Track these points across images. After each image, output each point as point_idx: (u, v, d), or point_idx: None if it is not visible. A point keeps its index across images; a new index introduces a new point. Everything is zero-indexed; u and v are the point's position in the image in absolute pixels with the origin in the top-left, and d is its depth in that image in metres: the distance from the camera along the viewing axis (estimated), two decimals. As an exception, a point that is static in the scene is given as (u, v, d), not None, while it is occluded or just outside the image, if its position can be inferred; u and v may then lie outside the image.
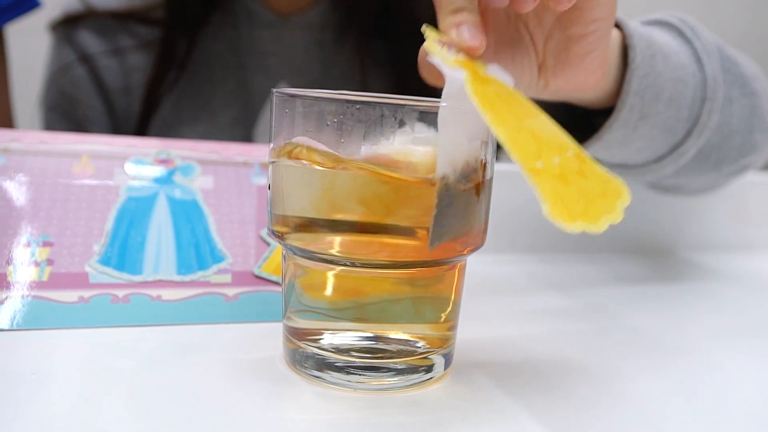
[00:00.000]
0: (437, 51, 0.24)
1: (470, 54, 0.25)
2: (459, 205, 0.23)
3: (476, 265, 0.31)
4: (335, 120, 0.23)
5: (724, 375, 0.29)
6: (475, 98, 0.22)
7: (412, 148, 0.24)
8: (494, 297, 0.37)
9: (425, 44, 0.25)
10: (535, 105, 0.25)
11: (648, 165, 0.38)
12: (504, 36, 0.30)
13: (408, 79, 0.51)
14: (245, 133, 0.54)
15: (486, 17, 0.28)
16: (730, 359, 0.30)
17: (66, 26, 0.53)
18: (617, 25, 0.34)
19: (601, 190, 0.22)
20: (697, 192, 0.45)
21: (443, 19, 0.26)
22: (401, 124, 0.23)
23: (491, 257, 0.44)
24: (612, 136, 0.34)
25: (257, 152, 0.35)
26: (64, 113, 0.53)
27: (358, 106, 0.23)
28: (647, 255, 0.51)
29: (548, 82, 0.31)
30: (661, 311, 0.37)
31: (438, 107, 0.23)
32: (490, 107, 0.22)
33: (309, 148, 0.24)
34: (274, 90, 0.25)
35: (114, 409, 0.22)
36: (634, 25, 0.34)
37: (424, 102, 0.23)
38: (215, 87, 0.54)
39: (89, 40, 0.53)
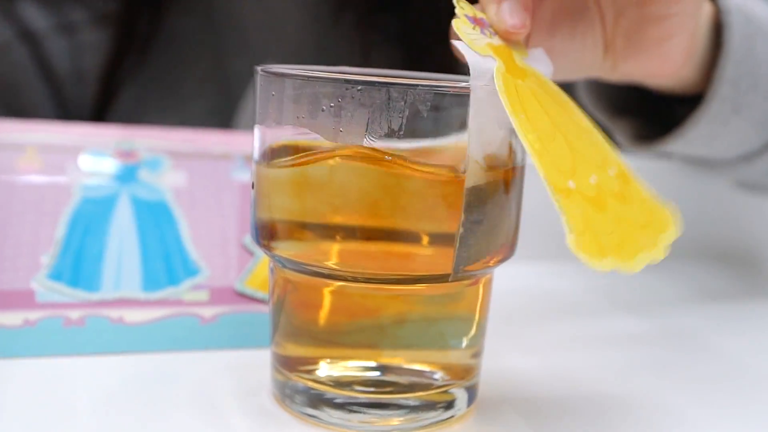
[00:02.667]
0: (466, 32, 0.22)
1: (508, 38, 0.23)
2: (492, 211, 0.21)
3: (508, 279, 0.29)
4: (332, 105, 0.21)
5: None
6: (505, 96, 0.20)
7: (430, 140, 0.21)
8: (532, 316, 0.35)
9: (454, 22, 0.22)
10: (577, 107, 0.23)
11: (736, 162, 0.36)
12: (565, 4, 0.28)
13: (422, 59, 0.48)
14: (222, 125, 0.51)
15: None
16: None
17: None
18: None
19: (644, 221, 0.20)
20: None
21: None
22: (413, 109, 0.21)
23: (530, 267, 0.41)
24: (698, 131, 0.32)
25: (239, 142, 0.33)
26: (2, 102, 0.49)
27: (359, 88, 0.21)
28: (735, 264, 0.48)
29: (616, 65, 0.29)
30: (756, 336, 0.35)
31: (459, 87, 0.20)
32: (521, 109, 0.20)
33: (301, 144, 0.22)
34: (259, 68, 0.23)
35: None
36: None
37: (442, 81, 0.21)
38: (186, 70, 0.51)
39: (31, 13, 0.49)
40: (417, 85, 0.21)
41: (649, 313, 0.37)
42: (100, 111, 0.47)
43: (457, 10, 0.23)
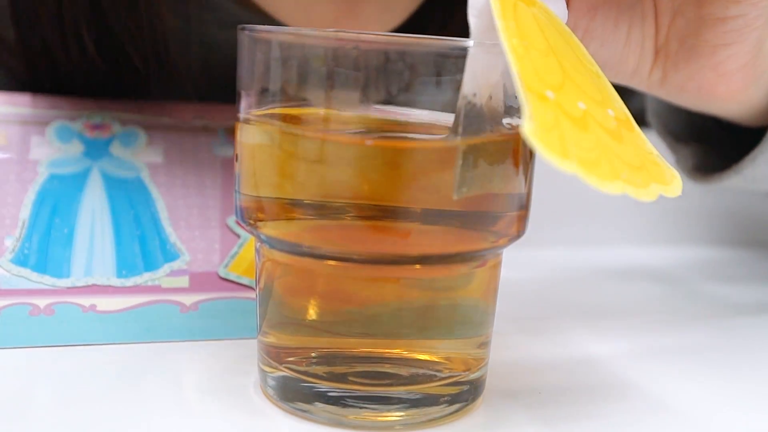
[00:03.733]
0: None
1: None
2: (490, 139, 0.20)
3: (517, 266, 0.27)
4: (323, 68, 0.20)
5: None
6: (500, 10, 0.18)
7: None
8: (542, 304, 0.34)
9: None
10: (588, 56, 0.21)
11: None
12: None
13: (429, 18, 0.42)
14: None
15: None
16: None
17: None
18: None
19: (638, 164, 0.18)
20: None
21: None
22: (413, 72, 0.20)
23: (540, 253, 0.40)
24: (757, 171, 0.30)
25: (222, 114, 0.31)
26: None
27: (353, 48, 0.20)
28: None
29: (667, 75, 0.26)
30: None
31: (463, 47, 0.19)
32: (514, 24, 0.18)
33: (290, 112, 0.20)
34: (243, 28, 0.21)
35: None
36: None
37: (447, 42, 0.20)
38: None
39: None
40: (417, 47, 0.19)
41: (668, 303, 0.36)
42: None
43: None
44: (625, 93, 0.24)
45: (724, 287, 0.39)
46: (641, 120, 0.23)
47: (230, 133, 0.31)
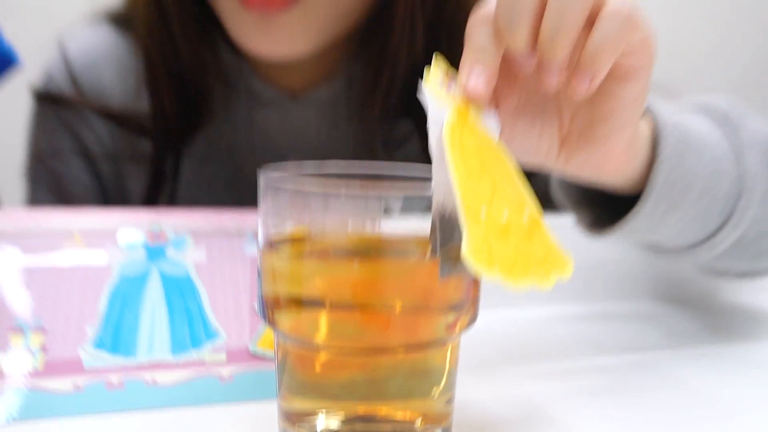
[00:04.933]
0: (434, 84, 0.28)
1: (467, 96, 0.28)
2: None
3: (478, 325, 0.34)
4: (319, 206, 0.27)
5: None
6: (448, 144, 0.25)
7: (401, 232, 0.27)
8: (495, 360, 0.40)
9: (427, 71, 0.28)
10: (513, 167, 0.28)
11: (680, 252, 0.42)
12: (531, 98, 0.34)
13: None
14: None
15: (517, 72, 0.31)
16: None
17: (59, 108, 0.56)
18: (651, 115, 0.37)
19: (542, 257, 0.25)
20: (743, 277, 0.48)
21: (464, 53, 0.29)
22: (388, 208, 0.27)
23: (496, 315, 0.47)
24: (637, 224, 0.38)
25: (251, 220, 0.39)
26: (53, 190, 0.56)
27: (340, 195, 0.26)
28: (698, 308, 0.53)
29: (569, 159, 0.34)
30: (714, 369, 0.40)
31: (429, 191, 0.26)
32: (460, 155, 0.25)
33: (296, 237, 0.27)
34: (261, 171, 0.28)
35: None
36: (668, 116, 0.37)
37: (414, 182, 0.27)
38: (216, 170, 0.57)
39: (89, 135, 0.56)
40: (388, 193, 0.26)
41: (615, 351, 0.42)
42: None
43: (433, 64, 0.28)
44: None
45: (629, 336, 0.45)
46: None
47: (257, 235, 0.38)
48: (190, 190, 0.57)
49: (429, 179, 0.26)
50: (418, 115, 0.54)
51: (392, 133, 0.57)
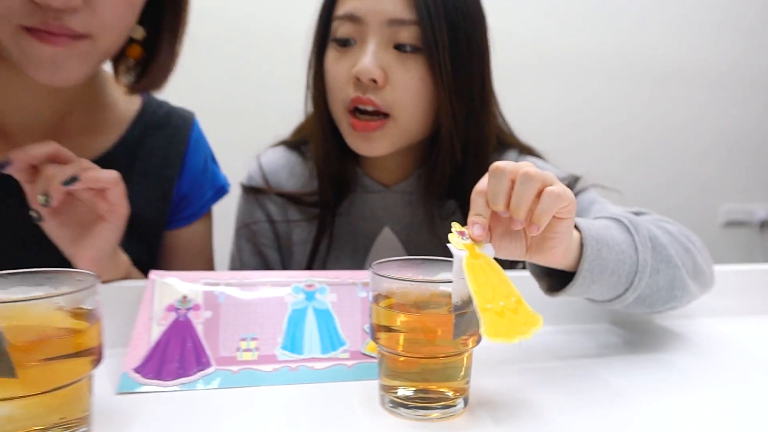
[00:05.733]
0: (454, 238, 0.54)
1: (474, 240, 0.54)
2: (470, 316, 0.52)
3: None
4: (395, 284, 0.54)
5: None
6: (466, 269, 0.51)
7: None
8: (491, 361, 0.65)
9: (450, 235, 0.54)
10: (503, 273, 0.54)
11: (604, 303, 0.67)
12: (508, 229, 0.59)
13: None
14: (360, 259, 0.89)
15: (500, 218, 0.57)
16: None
17: (256, 193, 0.95)
18: (579, 229, 0.62)
19: (524, 321, 0.50)
20: (648, 315, 0.74)
21: (470, 214, 0.56)
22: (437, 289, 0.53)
23: None
24: (573, 291, 0.63)
25: (361, 276, 0.67)
26: (250, 241, 0.95)
27: (408, 286, 0.53)
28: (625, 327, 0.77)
29: (532, 257, 0.60)
30: (637, 374, 0.63)
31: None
32: (473, 274, 0.51)
33: (387, 295, 0.54)
34: (371, 266, 0.56)
35: (300, 424, 0.53)
36: (589, 229, 0.62)
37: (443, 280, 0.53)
38: (343, 230, 0.92)
39: (273, 208, 0.94)
40: (431, 282, 0.53)
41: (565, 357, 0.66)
42: (309, 263, 0.88)
43: (452, 227, 0.55)
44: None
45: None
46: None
47: (365, 285, 0.66)
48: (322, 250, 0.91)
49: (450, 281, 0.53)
50: (459, 198, 0.84)
51: (443, 208, 0.88)
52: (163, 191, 0.82)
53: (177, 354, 0.58)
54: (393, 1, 0.77)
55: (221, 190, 0.92)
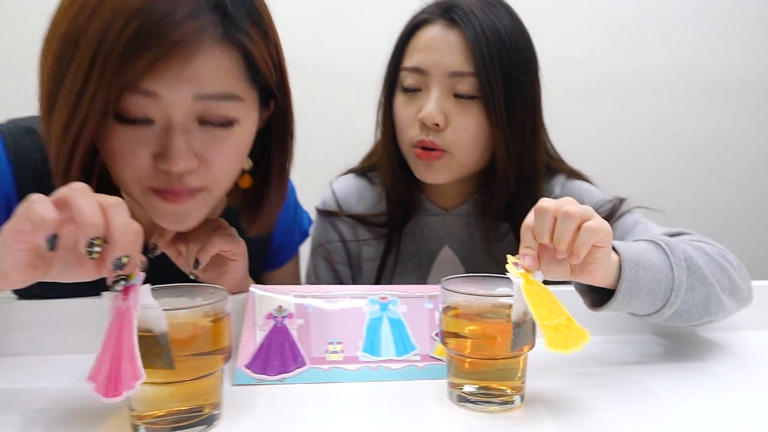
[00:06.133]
0: (510, 268, 0.64)
1: (527, 269, 0.64)
2: (525, 329, 0.62)
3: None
4: (461, 297, 0.64)
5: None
6: (524, 294, 0.61)
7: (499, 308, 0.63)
8: (544, 366, 0.74)
9: (507, 266, 0.64)
10: (554, 296, 0.63)
11: (644, 318, 0.76)
12: (553, 257, 0.68)
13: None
14: (423, 275, 0.99)
15: (546, 249, 0.66)
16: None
17: (329, 216, 1.08)
18: (618, 252, 0.70)
19: (575, 336, 0.60)
20: (686, 328, 0.82)
21: (520, 249, 0.65)
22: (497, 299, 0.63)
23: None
24: (614, 306, 0.72)
25: (427, 290, 0.77)
26: (325, 259, 1.07)
27: (472, 299, 0.64)
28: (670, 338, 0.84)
29: (576, 277, 0.69)
30: (682, 383, 0.72)
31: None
32: (530, 297, 0.61)
33: (453, 306, 0.65)
34: (441, 281, 0.66)
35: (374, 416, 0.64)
36: (627, 252, 0.70)
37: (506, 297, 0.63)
38: (407, 248, 1.03)
39: (345, 229, 1.06)
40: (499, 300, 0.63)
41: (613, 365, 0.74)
42: (377, 278, 0.99)
43: (508, 258, 0.64)
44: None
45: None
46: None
47: (431, 297, 0.76)
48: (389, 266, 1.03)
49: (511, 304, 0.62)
50: (512, 221, 0.94)
51: (498, 230, 0.99)
52: (259, 249, 0.94)
53: (278, 354, 0.70)
54: (454, 55, 0.89)
55: (306, 233, 1.07)
